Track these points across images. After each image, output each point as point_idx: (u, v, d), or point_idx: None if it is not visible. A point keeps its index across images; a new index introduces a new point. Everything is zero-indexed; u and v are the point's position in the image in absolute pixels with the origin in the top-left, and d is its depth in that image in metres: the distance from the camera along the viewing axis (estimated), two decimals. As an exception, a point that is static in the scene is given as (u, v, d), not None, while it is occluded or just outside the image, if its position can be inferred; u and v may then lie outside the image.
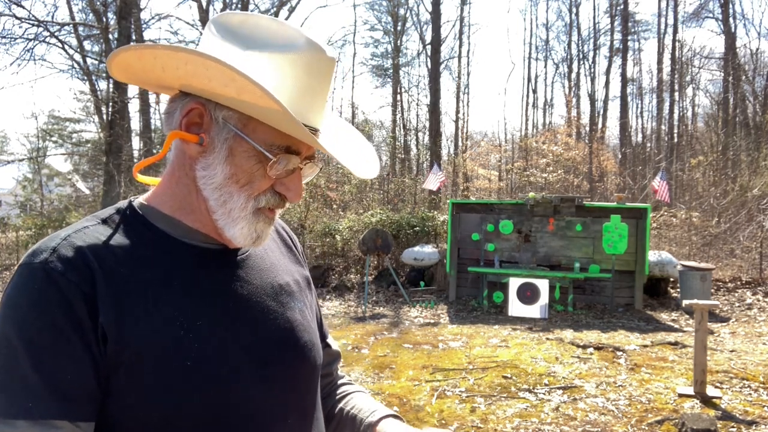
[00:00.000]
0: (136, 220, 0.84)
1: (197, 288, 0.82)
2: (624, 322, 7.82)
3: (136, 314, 0.75)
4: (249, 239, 0.83)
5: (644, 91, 26.85)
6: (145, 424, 0.75)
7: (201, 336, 0.78)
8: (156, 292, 0.78)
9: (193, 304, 0.80)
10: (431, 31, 21.25)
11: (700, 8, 23.05)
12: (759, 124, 18.15)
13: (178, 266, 0.82)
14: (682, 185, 19.54)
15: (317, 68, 0.81)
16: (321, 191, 12.91)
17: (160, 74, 0.80)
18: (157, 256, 0.81)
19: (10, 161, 20.01)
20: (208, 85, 0.77)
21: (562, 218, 9.04)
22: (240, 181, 0.81)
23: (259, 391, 0.83)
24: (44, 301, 0.72)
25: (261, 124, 0.79)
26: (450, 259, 9.42)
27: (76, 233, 0.79)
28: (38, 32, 13.10)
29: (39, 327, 0.71)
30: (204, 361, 0.77)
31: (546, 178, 17.19)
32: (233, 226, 0.82)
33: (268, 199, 0.83)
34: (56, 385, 0.70)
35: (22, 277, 0.74)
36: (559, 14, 42.02)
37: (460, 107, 25.03)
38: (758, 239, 10.68)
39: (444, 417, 4.14)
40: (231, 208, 0.81)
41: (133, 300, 0.76)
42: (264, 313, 0.88)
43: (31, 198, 21.51)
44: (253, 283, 0.89)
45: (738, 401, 4.39)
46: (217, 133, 0.81)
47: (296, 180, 0.84)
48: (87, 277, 0.74)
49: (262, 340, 0.85)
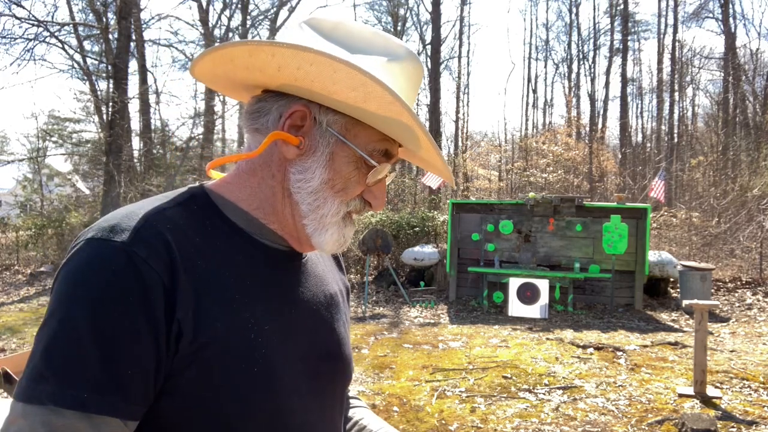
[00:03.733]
0: (212, 211, 0.81)
1: (267, 291, 0.80)
2: (624, 322, 7.82)
3: (214, 313, 0.72)
4: (337, 245, 0.83)
5: (644, 91, 26.89)
6: (204, 426, 0.72)
7: (269, 342, 0.76)
8: (232, 291, 0.75)
9: (263, 308, 0.78)
10: (431, 31, 21.27)
11: (700, 8, 23.07)
12: (759, 124, 18.15)
13: (251, 265, 0.79)
14: (682, 185, 19.55)
15: (414, 77, 0.82)
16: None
17: (269, 74, 0.77)
18: (233, 253, 0.78)
19: (10, 161, 19.98)
20: (327, 89, 0.75)
21: (562, 218, 9.04)
22: (336, 186, 0.80)
23: (311, 403, 0.82)
24: (121, 288, 0.66)
25: (364, 129, 0.79)
26: (450, 259, 9.42)
27: (156, 214, 0.74)
28: (38, 32, 13.10)
29: (112, 315, 0.65)
30: (270, 368, 0.75)
31: (546, 178, 17.20)
32: (324, 232, 0.81)
33: (356, 205, 0.83)
34: (118, 381, 0.66)
35: (98, 254, 0.68)
36: (559, 14, 42.05)
37: (460, 107, 25.05)
38: (758, 239, 10.68)
39: (444, 417, 4.14)
40: (323, 214, 0.80)
41: (211, 297, 0.72)
42: (319, 323, 0.87)
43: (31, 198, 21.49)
44: (311, 290, 0.88)
45: (738, 401, 4.39)
46: (319, 137, 0.80)
47: (382, 188, 0.84)
48: (169, 268, 0.69)
49: (315, 352, 0.85)
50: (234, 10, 21.40)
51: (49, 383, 0.63)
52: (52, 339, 0.65)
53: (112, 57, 14.31)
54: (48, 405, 0.62)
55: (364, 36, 0.80)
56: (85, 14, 18.54)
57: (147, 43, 18.70)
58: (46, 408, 0.62)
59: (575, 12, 31.58)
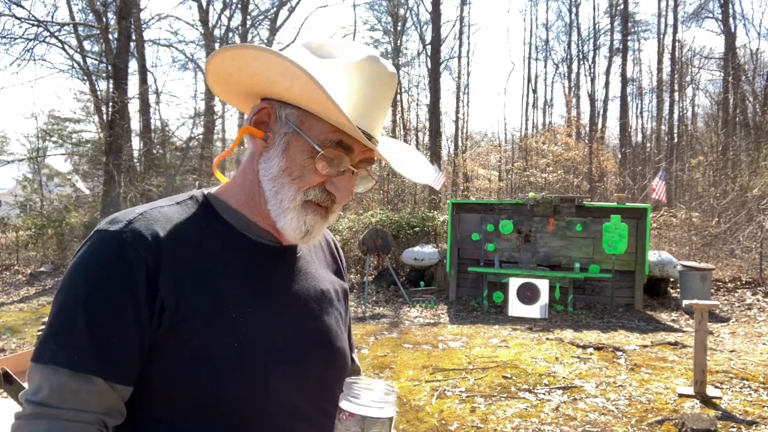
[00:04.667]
0: (206, 210, 0.92)
1: (251, 279, 0.89)
2: (624, 322, 7.82)
3: (195, 293, 0.82)
4: (298, 232, 0.88)
5: (644, 91, 26.86)
6: (185, 396, 0.81)
7: (250, 322, 0.85)
8: (215, 276, 0.85)
9: (246, 293, 0.87)
10: (431, 31, 21.24)
11: (700, 8, 23.05)
12: (759, 124, 18.14)
13: (238, 256, 0.89)
14: (682, 185, 19.55)
15: (379, 80, 0.89)
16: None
17: (242, 78, 0.88)
18: (220, 245, 0.89)
19: (10, 161, 19.99)
20: (278, 86, 0.85)
21: (562, 218, 9.04)
22: (292, 173, 0.87)
23: (292, 384, 0.88)
24: (111, 266, 0.79)
25: (317, 122, 0.86)
26: (450, 259, 9.42)
27: (152, 210, 0.87)
28: (38, 32, 13.10)
29: (101, 288, 0.78)
30: (250, 346, 0.83)
31: (546, 178, 17.20)
32: (283, 216, 0.88)
33: (317, 194, 0.88)
34: (102, 345, 0.78)
35: (97, 241, 0.82)
36: (559, 14, 42.03)
37: (460, 107, 25.02)
38: (758, 239, 10.68)
39: (444, 417, 4.14)
40: (281, 199, 0.88)
41: (193, 280, 0.83)
42: (306, 312, 0.95)
43: (31, 198, 21.49)
44: (300, 283, 0.96)
45: (738, 401, 4.39)
46: (278, 129, 0.89)
47: (345, 180, 0.88)
48: (153, 253, 0.81)
49: (301, 338, 0.92)
50: (234, 10, 21.38)
51: (50, 345, 0.78)
52: (57, 311, 0.79)
53: (112, 57, 14.30)
54: (48, 364, 0.77)
55: (342, 46, 0.90)
56: (85, 14, 18.54)
57: (147, 43, 18.70)
58: (47, 366, 0.77)
59: (575, 12, 31.59)
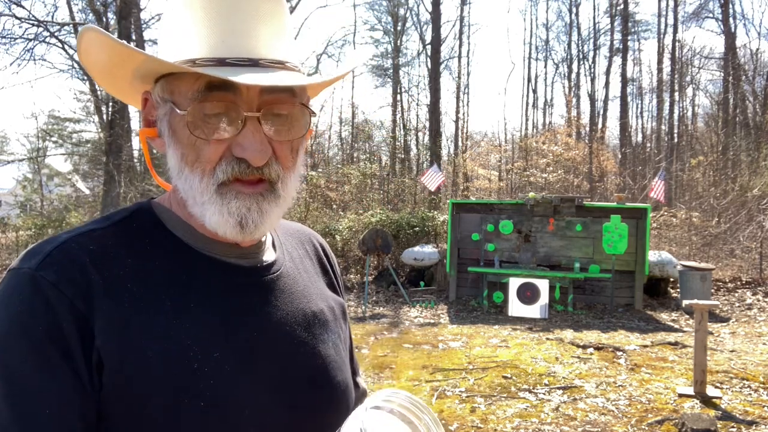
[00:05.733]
0: (154, 227, 0.73)
1: (217, 314, 0.69)
2: (624, 322, 7.82)
3: (144, 339, 0.63)
4: (230, 226, 0.68)
5: (644, 91, 26.88)
6: None
7: (219, 372, 0.66)
8: (170, 315, 0.66)
9: (212, 333, 0.68)
10: (431, 31, 21.27)
11: (700, 8, 23.07)
12: (759, 124, 18.15)
13: (198, 285, 0.70)
14: (682, 185, 19.55)
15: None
16: (321, 191, 12.91)
17: (110, 73, 0.73)
18: (175, 271, 0.70)
19: (10, 161, 20.02)
20: (112, 63, 0.69)
21: (562, 218, 9.04)
22: (189, 158, 0.68)
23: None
24: (27, 317, 0.60)
25: (177, 80, 0.68)
26: (450, 259, 9.42)
27: (80, 236, 0.68)
28: (38, 32, 13.10)
29: (18, 349, 0.59)
30: (221, 402, 0.65)
31: (546, 178, 17.20)
32: (204, 213, 0.69)
33: (225, 169, 0.67)
34: (30, 422, 0.58)
35: (7, 285, 0.63)
36: (559, 14, 42.01)
37: (460, 107, 25.04)
38: (758, 239, 10.69)
39: (444, 417, 4.14)
40: (194, 195, 0.69)
41: (142, 323, 0.64)
42: (294, 345, 0.75)
43: (31, 198, 21.53)
44: (283, 309, 0.76)
45: (738, 401, 4.39)
46: (161, 115, 0.71)
47: (248, 134, 0.66)
48: (83, 291, 0.62)
49: (291, 378, 0.73)
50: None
51: None
52: None
53: (112, 57, 14.28)
54: None
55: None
56: (85, 14, 18.54)
57: (147, 43, 18.68)
58: None
59: (575, 12, 31.58)
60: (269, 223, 0.71)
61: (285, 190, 0.72)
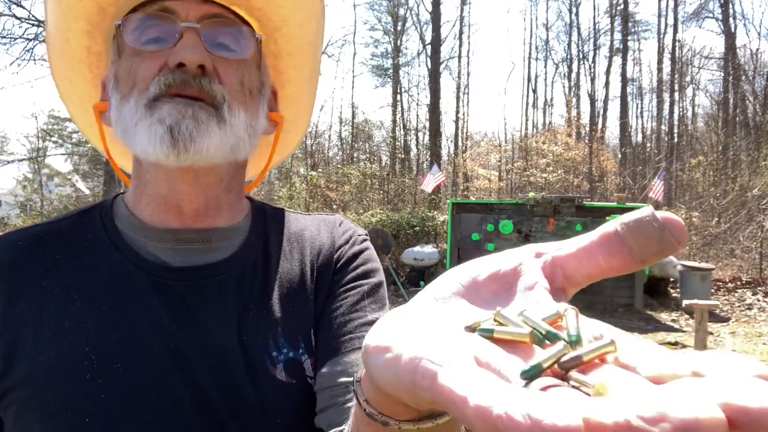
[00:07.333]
0: (102, 221, 0.66)
1: (134, 318, 0.60)
2: (624, 322, 7.81)
3: (40, 344, 0.57)
4: (158, 139, 0.58)
5: (644, 91, 26.90)
6: None
7: (119, 386, 0.57)
8: (76, 318, 0.59)
9: (121, 339, 0.58)
10: (431, 31, 21.29)
11: (700, 8, 23.11)
12: (759, 124, 18.16)
13: (118, 286, 0.61)
14: (682, 185, 19.57)
15: None
16: (321, 191, 12.92)
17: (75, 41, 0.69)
18: (100, 271, 0.62)
19: (10, 161, 20.00)
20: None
21: (562, 218, 9.04)
22: (126, 89, 0.61)
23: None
24: None
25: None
26: (450, 259, 9.42)
27: (16, 232, 0.65)
28: (38, 32, 13.10)
29: None
30: (108, 420, 0.56)
31: (546, 178, 17.21)
32: (134, 137, 0.60)
33: (159, 81, 0.59)
34: None
35: None
36: (559, 14, 42.02)
37: (460, 107, 25.07)
38: (758, 239, 10.70)
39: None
40: (126, 125, 0.61)
41: (43, 324, 0.58)
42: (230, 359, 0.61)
43: (31, 198, 21.56)
44: (212, 325, 0.62)
45: (738, 401, 4.39)
46: (110, 76, 0.66)
47: (186, 44, 0.60)
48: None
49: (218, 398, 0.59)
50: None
51: None
52: None
53: (112, 57, 14.32)
54: None
55: None
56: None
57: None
58: None
59: (575, 12, 31.57)
60: (209, 141, 0.59)
61: (233, 117, 0.62)
